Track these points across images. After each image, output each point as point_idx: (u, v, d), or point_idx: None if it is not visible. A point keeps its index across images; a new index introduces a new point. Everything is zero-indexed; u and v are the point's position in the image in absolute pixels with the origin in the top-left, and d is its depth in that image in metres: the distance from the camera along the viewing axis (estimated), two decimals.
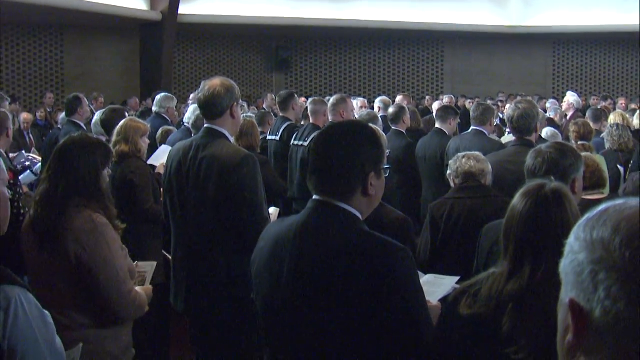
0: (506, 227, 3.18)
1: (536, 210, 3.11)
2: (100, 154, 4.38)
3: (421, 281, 3.56)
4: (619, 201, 1.60)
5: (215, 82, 5.39)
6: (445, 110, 10.27)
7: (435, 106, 14.70)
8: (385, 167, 3.30)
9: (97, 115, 9.39)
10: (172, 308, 5.87)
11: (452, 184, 6.15)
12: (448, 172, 6.22)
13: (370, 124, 5.87)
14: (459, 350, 3.16)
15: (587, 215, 1.61)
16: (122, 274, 4.19)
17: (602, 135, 9.88)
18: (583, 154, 5.16)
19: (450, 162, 6.22)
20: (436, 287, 3.99)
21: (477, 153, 6.16)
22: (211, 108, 5.35)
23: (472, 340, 3.10)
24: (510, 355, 2.91)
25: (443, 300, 4.10)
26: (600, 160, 7.55)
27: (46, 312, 3.15)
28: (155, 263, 5.11)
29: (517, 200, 3.21)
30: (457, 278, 4.03)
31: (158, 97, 11.88)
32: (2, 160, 3.30)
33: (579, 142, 8.46)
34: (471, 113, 8.93)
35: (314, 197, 3.23)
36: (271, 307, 3.28)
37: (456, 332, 3.17)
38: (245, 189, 5.17)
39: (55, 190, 4.15)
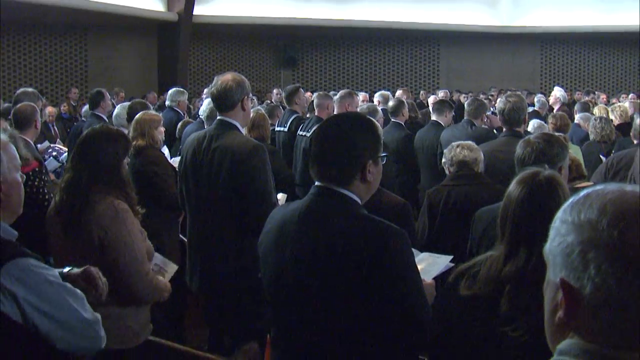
0: (503, 213, 3.17)
1: (530, 196, 3.11)
2: (121, 144, 4.38)
3: (416, 259, 3.56)
4: (598, 187, 1.62)
5: (227, 77, 5.39)
6: (441, 104, 10.32)
7: (431, 100, 14.70)
8: (382, 155, 3.30)
9: (118, 109, 9.40)
10: (187, 287, 5.87)
11: (447, 172, 6.15)
12: (443, 160, 6.22)
13: (370, 116, 5.93)
14: (459, 329, 3.16)
15: (570, 200, 1.62)
16: (141, 256, 4.19)
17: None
18: None
19: (445, 151, 6.22)
20: (431, 265, 3.97)
21: (470, 142, 6.17)
22: (223, 101, 5.35)
23: (472, 319, 3.09)
24: (508, 333, 2.90)
25: (440, 279, 4.09)
26: (576, 151, 7.58)
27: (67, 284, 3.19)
28: (176, 267, 5.09)
29: (512, 187, 3.21)
30: (450, 257, 4.02)
31: (170, 91, 11.93)
32: (14, 148, 3.28)
33: (556, 134, 8.47)
34: (466, 107, 8.96)
35: (316, 183, 3.24)
36: (276, 286, 3.29)
37: (456, 312, 3.17)
38: (255, 176, 5.18)
39: (80, 178, 4.15)
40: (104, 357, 4.13)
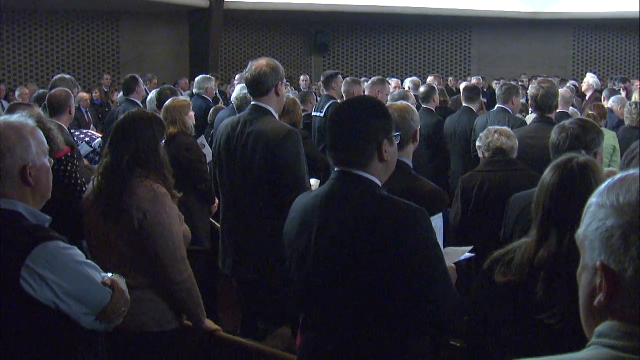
0: (536, 199, 3.16)
1: (562, 181, 3.09)
2: (157, 127, 4.40)
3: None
4: (632, 171, 1.60)
5: (261, 63, 5.40)
6: (472, 91, 10.25)
7: (462, 87, 14.65)
8: (395, 134, 3.35)
9: (152, 94, 9.45)
10: (219, 272, 5.89)
11: (481, 157, 6.10)
12: (478, 144, 6.17)
13: (402, 101, 5.92)
14: (495, 316, 3.15)
15: (605, 184, 1.61)
16: (178, 240, 4.21)
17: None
18: None
19: (481, 135, 6.15)
20: (452, 253, 3.95)
21: (508, 129, 6.11)
22: (258, 86, 5.36)
23: (507, 306, 3.09)
24: (544, 321, 2.89)
25: (473, 267, 4.08)
26: (612, 136, 7.53)
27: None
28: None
29: (546, 173, 3.20)
30: (470, 247, 4.01)
31: (197, 79, 11.97)
32: (42, 133, 3.32)
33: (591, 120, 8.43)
34: (497, 92, 8.92)
35: (335, 168, 3.29)
36: (302, 270, 3.34)
37: (491, 299, 3.17)
38: (289, 161, 5.19)
39: (119, 162, 4.17)
40: (142, 339, 4.19)
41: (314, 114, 9.94)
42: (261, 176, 5.25)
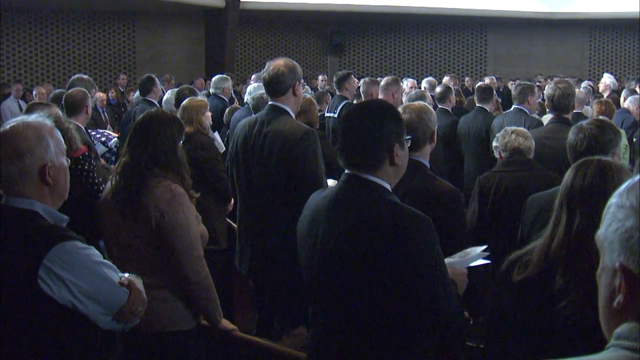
0: (559, 199, 3.16)
1: (584, 181, 3.08)
2: (176, 127, 4.41)
3: (452, 256, 3.57)
4: None
5: (279, 62, 5.40)
6: (484, 91, 10.20)
7: (475, 87, 14.62)
8: (407, 137, 3.37)
9: (168, 94, 9.48)
10: (235, 271, 5.90)
11: (498, 157, 6.08)
12: (494, 144, 6.14)
13: (420, 101, 5.90)
14: (513, 315, 3.15)
15: (625, 185, 1.60)
16: (195, 240, 4.21)
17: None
18: None
19: (498, 135, 6.12)
20: (466, 257, 3.93)
21: (525, 130, 6.08)
22: (275, 86, 5.36)
23: (525, 301, 3.08)
24: (561, 312, 2.89)
25: (491, 269, 4.06)
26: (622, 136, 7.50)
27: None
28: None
29: (568, 173, 3.19)
30: (484, 247, 3.98)
31: (214, 79, 11.97)
32: (60, 133, 3.34)
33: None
34: (512, 92, 8.90)
35: (345, 171, 3.30)
36: (310, 269, 3.37)
37: (510, 297, 3.16)
38: (306, 161, 5.20)
39: (137, 162, 4.18)
40: (159, 339, 4.20)
41: (327, 114, 9.94)
42: (278, 176, 5.25)
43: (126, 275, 3.37)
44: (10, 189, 3.14)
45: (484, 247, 3.85)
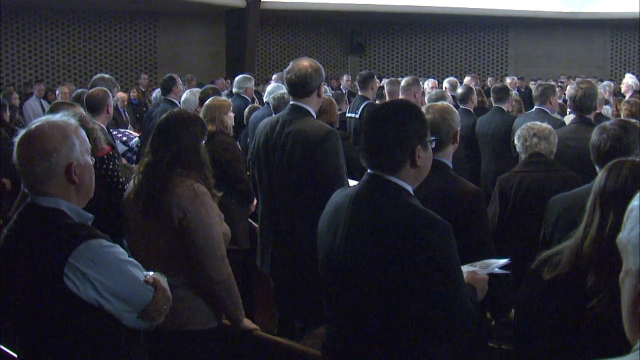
0: (591, 201, 3.14)
1: (616, 183, 3.07)
2: (198, 127, 4.42)
3: (474, 264, 3.57)
4: None
5: (305, 64, 5.41)
6: (501, 91, 10.17)
7: (492, 87, 14.59)
8: (431, 139, 3.36)
9: (187, 94, 9.49)
10: (256, 271, 5.90)
11: (519, 157, 6.03)
12: (517, 145, 6.07)
13: (441, 101, 5.88)
14: (542, 313, 3.14)
15: None
16: (218, 239, 4.21)
17: None
18: None
19: (518, 134, 6.01)
20: (487, 263, 3.91)
21: (545, 128, 5.95)
22: (302, 87, 5.37)
23: (554, 299, 3.07)
24: (592, 310, 2.87)
25: (519, 267, 4.03)
26: None
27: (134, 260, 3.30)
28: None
29: (602, 173, 3.17)
30: (506, 260, 3.96)
31: (237, 78, 11.96)
32: (84, 132, 3.36)
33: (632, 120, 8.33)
34: (533, 93, 8.87)
35: (368, 171, 3.30)
36: (327, 267, 3.37)
37: (539, 296, 3.15)
38: (328, 161, 5.21)
39: (159, 161, 4.19)
40: (181, 338, 4.21)
41: (348, 114, 9.95)
42: (300, 175, 5.26)
43: (151, 273, 3.39)
44: (36, 188, 3.16)
45: (506, 260, 3.84)
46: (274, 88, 9.68)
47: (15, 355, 3.85)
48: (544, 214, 4.66)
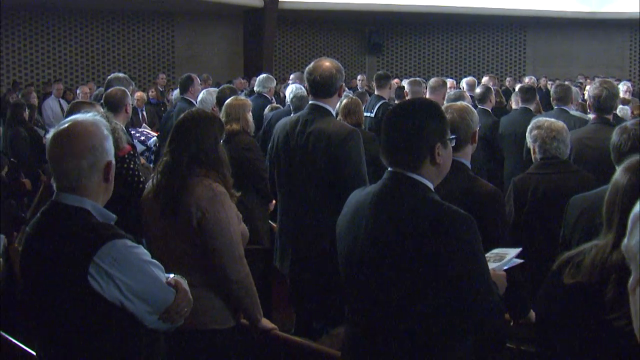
0: (610, 200, 3.10)
1: (638, 182, 3.03)
2: (217, 127, 4.42)
3: (487, 255, 3.55)
4: None
5: (328, 64, 5.42)
6: (528, 91, 10.11)
7: (518, 87, 14.52)
8: (451, 137, 3.36)
9: (203, 94, 9.50)
10: (275, 271, 5.90)
11: (533, 159, 5.91)
12: (530, 144, 5.92)
13: (460, 101, 5.85)
14: (562, 317, 3.12)
15: None
16: (236, 239, 4.22)
17: None
18: None
19: (535, 134, 5.89)
20: (501, 258, 3.89)
21: (565, 133, 5.83)
22: (326, 88, 5.39)
23: (575, 307, 3.04)
24: (613, 322, 2.84)
25: (537, 269, 4.01)
26: None
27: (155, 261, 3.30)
28: None
29: (619, 174, 3.13)
30: (519, 250, 3.93)
31: (259, 77, 11.95)
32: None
33: None
34: (552, 94, 8.80)
35: (389, 169, 3.28)
36: (349, 266, 3.36)
37: (559, 300, 3.12)
38: (350, 160, 5.24)
39: (178, 161, 4.19)
40: (199, 337, 4.21)
41: (364, 114, 9.96)
42: (322, 175, 5.27)
43: (172, 276, 3.40)
44: (66, 185, 3.18)
45: (519, 249, 3.82)
46: (296, 88, 9.68)
47: (34, 354, 3.86)
48: (564, 215, 4.63)
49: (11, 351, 4.83)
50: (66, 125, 3.20)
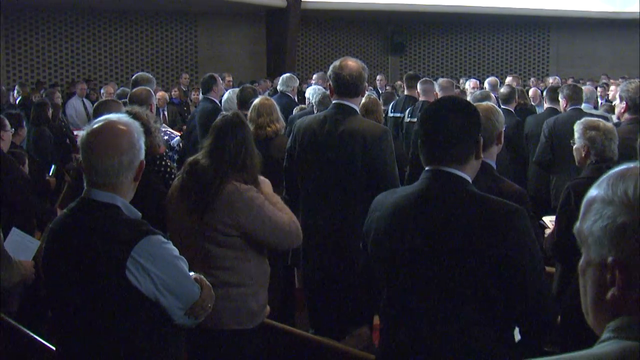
0: None
1: None
2: (248, 130, 4.46)
3: None
4: (625, 165, 1.64)
5: (353, 64, 5.44)
6: (555, 91, 10.02)
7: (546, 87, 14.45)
8: None
9: (228, 93, 9.51)
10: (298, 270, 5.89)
11: (579, 159, 5.69)
12: (578, 145, 5.72)
13: (486, 101, 5.81)
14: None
15: (606, 177, 1.64)
16: (275, 217, 4.29)
17: None
18: None
19: (591, 136, 5.68)
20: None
21: (616, 134, 5.65)
22: (354, 88, 5.42)
23: None
24: None
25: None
26: None
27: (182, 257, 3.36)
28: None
29: None
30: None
31: (283, 77, 11.95)
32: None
33: None
34: (565, 95, 8.73)
35: (426, 168, 3.27)
36: (394, 269, 3.28)
37: None
38: (386, 159, 5.28)
39: (217, 166, 4.22)
40: (223, 337, 4.22)
41: (392, 114, 9.97)
42: (356, 174, 5.30)
43: (192, 274, 3.43)
44: (100, 181, 3.23)
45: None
46: (318, 89, 9.68)
47: (54, 349, 3.88)
48: None
49: (31, 346, 4.87)
50: (104, 122, 3.27)
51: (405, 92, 10.59)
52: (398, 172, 5.47)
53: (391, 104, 10.78)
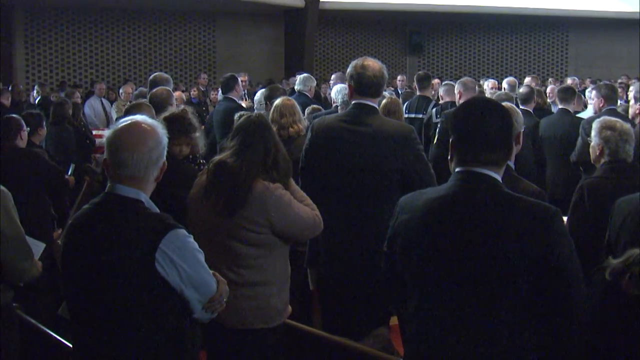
0: None
1: None
2: (274, 130, 4.49)
3: None
4: None
5: (377, 65, 5.40)
6: (567, 91, 9.95)
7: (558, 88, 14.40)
8: None
9: (257, 95, 9.58)
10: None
11: (594, 158, 5.66)
12: (595, 144, 5.69)
13: (507, 103, 5.79)
14: (626, 328, 3.03)
15: None
16: (302, 213, 4.36)
17: None
18: None
19: (606, 136, 5.64)
20: None
21: (633, 135, 5.62)
22: (377, 88, 5.38)
23: None
24: None
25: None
26: None
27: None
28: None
29: None
30: None
31: (300, 76, 11.95)
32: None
33: None
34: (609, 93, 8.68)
35: (459, 168, 3.19)
36: (426, 274, 3.21)
37: (623, 310, 3.03)
38: (416, 159, 5.24)
39: (238, 162, 4.23)
40: (245, 336, 4.24)
41: (410, 115, 9.94)
42: (381, 174, 5.24)
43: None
44: (128, 175, 3.29)
45: None
46: (342, 88, 9.65)
47: (71, 345, 3.90)
48: (610, 218, 4.51)
49: (47, 342, 4.90)
50: (132, 121, 3.34)
51: (418, 93, 10.58)
52: None
53: (405, 104, 10.75)
